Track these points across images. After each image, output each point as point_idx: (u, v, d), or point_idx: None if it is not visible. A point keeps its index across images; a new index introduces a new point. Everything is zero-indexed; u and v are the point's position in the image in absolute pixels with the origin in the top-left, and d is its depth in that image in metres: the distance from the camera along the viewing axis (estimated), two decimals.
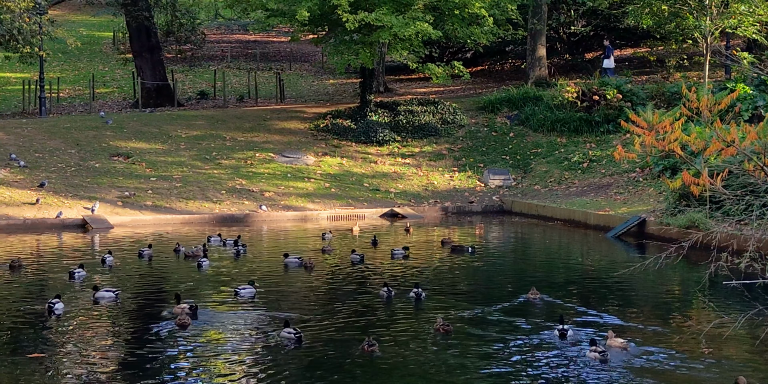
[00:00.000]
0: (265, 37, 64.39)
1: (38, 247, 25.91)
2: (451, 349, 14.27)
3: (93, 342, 14.86)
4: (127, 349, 14.53)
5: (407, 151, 37.21)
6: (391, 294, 18.06)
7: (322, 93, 49.06)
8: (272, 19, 36.79)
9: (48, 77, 43.87)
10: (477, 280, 21.04)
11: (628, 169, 32.38)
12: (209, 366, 13.56)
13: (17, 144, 33.78)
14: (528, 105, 39.63)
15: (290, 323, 14.87)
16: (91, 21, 67.01)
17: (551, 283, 20.05)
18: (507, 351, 14.16)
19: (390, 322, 16.20)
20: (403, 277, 20.45)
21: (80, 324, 16.02)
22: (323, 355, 14.00)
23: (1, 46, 36.19)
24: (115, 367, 13.47)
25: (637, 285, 19.68)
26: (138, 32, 45.57)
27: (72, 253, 24.42)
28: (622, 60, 51.02)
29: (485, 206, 33.24)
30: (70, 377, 12.86)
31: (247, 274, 20.51)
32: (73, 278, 19.85)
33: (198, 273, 21.27)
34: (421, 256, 23.91)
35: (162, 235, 27.23)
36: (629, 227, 26.58)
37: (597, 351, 13.52)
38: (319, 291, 19.49)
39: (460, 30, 37.21)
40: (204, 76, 53.14)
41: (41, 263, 22.59)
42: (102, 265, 21.83)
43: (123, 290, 18.69)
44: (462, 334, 15.30)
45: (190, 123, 38.44)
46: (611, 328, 14.91)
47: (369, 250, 24.38)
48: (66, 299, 17.37)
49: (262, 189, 32.71)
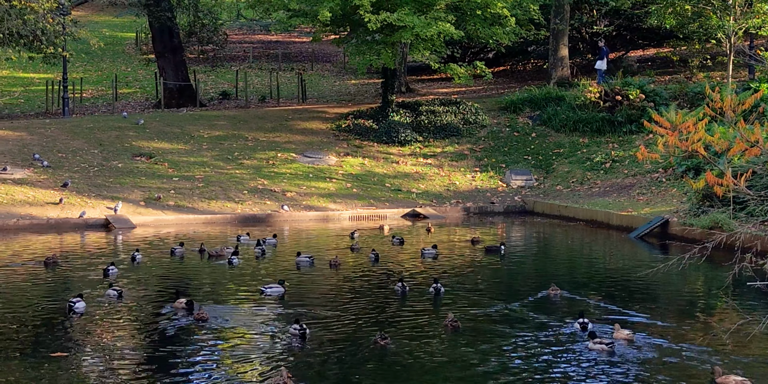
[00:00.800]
0: (287, 37, 64.50)
1: (62, 245, 26.01)
2: (463, 343, 14.51)
3: (115, 340, 14.91)
4: (149, 346, 14.63)
5: (429, 151, 37.19)
6: (405, 289, 18.37)
7: (344, 93, 49.09)
8: (294, 19, 36.83)
9: (71, 78, 44.06)
10: (499, 278, 21.24)
11: (651, 169, 32.25)
12: (229, 362, 13.66)
13: (41, 144, 33.94)
14: (550, 105, 39.53)
15: (300, 320, 15.04)
16: (113, 22, 67.28)
17: (573, 282, 20.08)
18: (520, 346, 14.37)
19: (405, 316, 16.47)
20: (428, 274, 20.51)
21: (102, 322, 16.08)
22: (335, 348, 14.20)
23: (24, 46, 36.35)
24: (137, 364, 13.51)
25: (660, 285, 19.59)
26: (160, 33, 45.72)
27: (98, 252, 24.62)
28: (644, 60, 50.88)
29: (507, 206, 33.17)
30: (94, 376, 12.90)
31: (275, 273, 20.62)
32: (108, 275, 20.17)
33: (227, 271, 21.48)
34: (452, 255, 24.05)
35: (186, 235, 27.29)
36: (652, 228, 26.46)
37: (603, 343, 13.70)
38: (342, 288, 19.60)
39: (482, 30, 37.15)
40: (226, 77, 53.25)
41: (71, 262, 22.71)
42: (132, 262, 22.09)
43: (147, 288, 18.90)
44: (477, 328, 15.53)
45: (212, 123, 38.53)
46: (617, 322, 15.18)
47: (394, 249, 24.70)
48: (93, 296, 17.55)
49: (284, 189, 32.75)
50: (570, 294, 18.28)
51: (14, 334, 15.20)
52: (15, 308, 17.27)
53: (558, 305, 17.48)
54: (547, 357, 13.76)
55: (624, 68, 45.58)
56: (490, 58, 53.01)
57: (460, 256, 24.13)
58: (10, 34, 32.54)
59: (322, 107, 42.93)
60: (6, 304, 17.66)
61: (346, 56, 52.39)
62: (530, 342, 14.57)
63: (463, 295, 18.44)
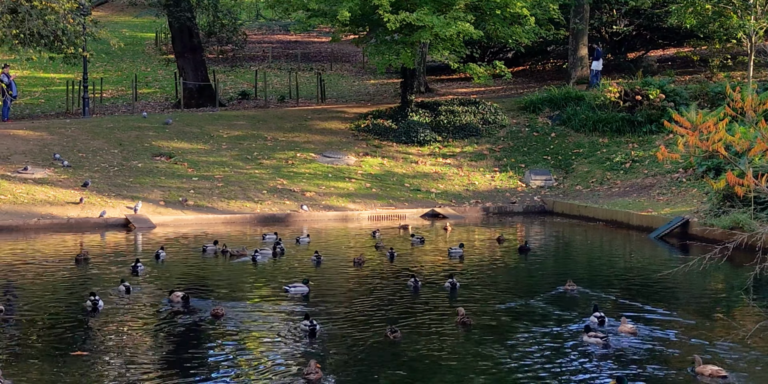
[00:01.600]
0: (306, 37, 64.55)
1: (87, 244, 26.14)
2: (474, 338, 14.92)
3: (134, 338, 15.00)
4: (167, 344, 14.76)
5: (448, 151, 37.16)
6: (418, 285, 18.89)
7: (363, 93, 49.11)
8: (313, 19, 36.85)
9: (91, 78, 44.21)
10: (518, 275, 21.58)
11: (671, 169, 32.13)
12: (246, 358, 13.83)
13: (61, 144, 34.08)
14: (570, 105, 39.44)
15: (310, 316, 15.32)
16: (133, 22, 67.51)
17: (593, 281, 20.20)
18: (533, 340, 14.70)
19: (418, 311, 16.94)
20: (454, 271, 20.67)
21: (122, 320, 16.18)
22: (344, 343, 14.64)
23: (45, 46, 36.46)
24: (156, 363, 13.56)
25: (680, 285, 19.54)
26: (180, 33, 45.83)
27: (121, 251, 24.89)
28: (665, 60, 50.73)
29: (526, 206, 33.11)
30: (114, 375, 12.94)
31: (299, 272, 20.81)
32: (136, 272, 20.57)
33: (251, 268, 21.78)
34: (475, 253, 24.33)
35: (207, 234, 27.38)
36: (672, 228, 26.37)
37: (598, 336, 14.19)
38: (363, 284, 19.94)
39: (502, 30, 37.08)
40: (245, 77, 53.35)
41: (99, 259, 22.91)
42: (156, 260, 22.31)
43: (169, 284, 19.15)
44: (490, 322, 15.96)
45: (231, 123, 38.60)
46: (634, 318, 15.56)
47: (417, 248, 25.06)
48: (106, 294, 17.65)
49: (303, 189, 32.79)
50: (586, 289, 18.65)
51: (39, 331, 15.38)
52: (41, 304, 17.40)
53: (574, 301, 17.74)
54: (555, 352, 14.03)
55: (644, 68, 45.47)
56: (509, 57, 52.95)
57: (480, 254, 24.45)
58: (31, 34, 32.64)
59: (341, 107, 42.95)
60: (33, 300, 17.85)
61: (365, 56, 52.39)
62: (542, 336, 14.87)
63: (479, 290, 18.92)
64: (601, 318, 15.40)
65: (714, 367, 12.63)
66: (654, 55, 51.88)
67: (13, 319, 16.24)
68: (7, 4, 30.28)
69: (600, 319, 15.38)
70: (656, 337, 14.85)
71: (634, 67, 46.27)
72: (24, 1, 30.23)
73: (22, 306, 17.43)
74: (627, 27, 47.41)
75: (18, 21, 31.30)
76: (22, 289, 19.23)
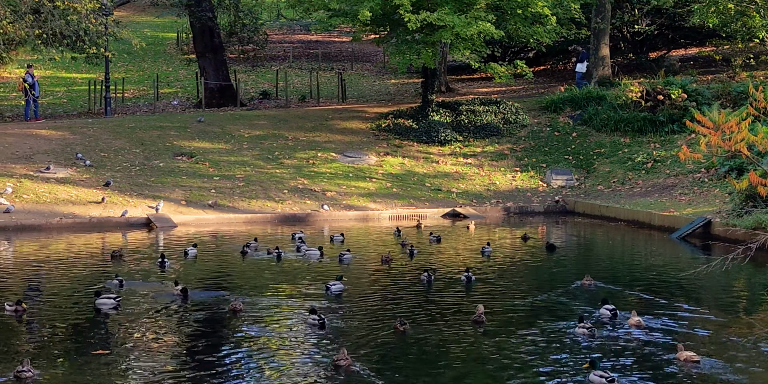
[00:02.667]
0: (327, 37, 64.57)
1: (103, 244, 26.28)
2: (490, 329, 15.46)
3: (155, 337, 15.06)
4: (188, 342, 14.83)
5: (469, 151, 37.11)
6: (431, 279, 19.57)
7: (384, 93, 49.10)
8: (334, 19, 36.87)
9: (113, 78, 44.37)
10: (538, 272, 21.96)
11: (693, 169, 32.00)
12: (267, 356, 14.00)
13: (83, 143, 34.23)
14: (591, 105, 39.31)
15: (316, 311, 15.80)
16: (155, 22, 67.70)
17: (615, 279, 20.31)
18: (546, 332, 15.22)
19: (429, 303, 17.77)
20: (470, 266, 20.91)
21: (142, 319, 16.28)
22: (357, 335, 15.21)
23: (68, 46, 36.68)
24: (178, 361, 13.62)
25: (701, 284, 19.48)
26: (201, 33, 45.93)
27: (146, 249, 25.24)
28: (686, 59, 50.51)
29: (547, 206, 33.05)
30: (135, 374, 12.99)
31: (336, 270, 21.06)
32: (164, 268, 21.07)
33: (280, 266, 22.12)
34: (505, 251, 24.95)
35: (224, 234, 27.47)
36: (694, 228, 26.27)
37: (585, 327, 14.82)
38: (389, 281, 20.39)
39: (523, 29, 37.01)
40: (266, 76, 53.43)
41: (129, 257, 23.21)
42: (184, 257, 22.67)
43: (195, 284, 19.40)
44: (504, 316, 16.70)
45: (252, 123, 38.67)
46: (635, 309, 16.01)
47: (444, 246, 25.47)
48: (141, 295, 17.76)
49: (324, 188, 32.81)
50: (607, 285, 19.11)
51: (62, 330, 15.50)
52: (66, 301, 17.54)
53: (592, 295, 18.02)
54: (565, 344, 14.51)
55: (666, 67, 45.28)
56: (530, 57, 52.82)
57: (505, 251, 24.89)
58: (53, 34, 32.83)
59: (362, 107, 42.97)
60: (61, 296, 18.05)
61: (386, 56, 52.38)
62: (555, 330, 15.33)
63: (498, 285, 19.69)
64: (613, 311, 15.82)
65: (690, 353, 13.26)
66: (676, 54, 51.67)
67: (41, 314, 16.41)
68: (30, 5, 30.45)
69: (612, 311, 15.82)
70: (664, 330, 15.23)
71: (656, 66, 46.08)
72: (47, 2, 30.40)
73: (58, 301, 17.56)
74: (649, 26, 47.22)
75: (41, 21, 31.50)
76: (56, 283, 19.44)
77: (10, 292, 18.58)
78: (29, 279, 20.36)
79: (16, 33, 30.05)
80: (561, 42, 45.85)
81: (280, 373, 13.04)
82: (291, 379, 12.75)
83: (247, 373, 12.99)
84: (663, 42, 50.17)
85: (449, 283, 19.66)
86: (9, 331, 15.55)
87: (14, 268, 21.91)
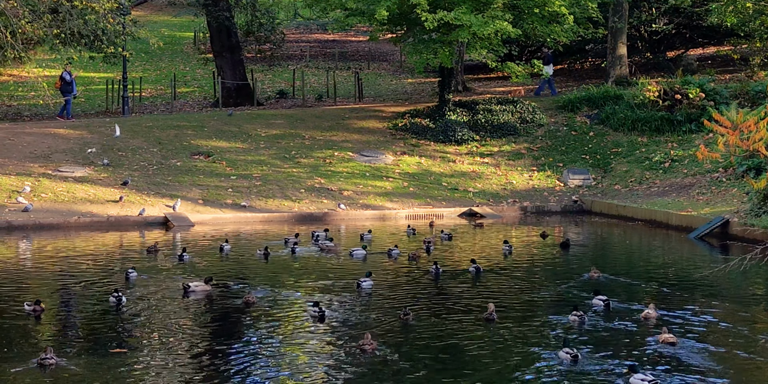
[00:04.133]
0: (344, 36, 64.60)
1: (122, 242, 26.40)
2: (501, 324, 15.92)
3: (172, 335, 15.13)
4: (204, 338, 14.96)
5: (486, 150, 37.07)
6: (438, 271, 20.43)
7: (401, 92, 49.09)
8: (351, 18, 36.89)
9: (131, 77, 44.49)
10: (552, 267, 22.32)
11: (711, 169, 31.88)
12: (285, 350, 14.31)
13: (101, 142, 34.34)
14: (608, 104, 39.22)
15: (319, 303, 16.50)
16: (172, 21, 67.87)
17: (631, 277, 20.19)
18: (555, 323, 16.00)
19: (438, 294, 18.81)
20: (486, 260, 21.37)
21: (157, 316, 16.38)
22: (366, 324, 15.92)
23: (85, 46, 36.79)
24: (195, 359, 13.66)
25: (719, 284, 19.42)
26: (218, 32, 46.00)
27: (185, 244, 25.51)
28: (704, 58, 50.36)
29: (564, 206, 33.00)
30: (153, 372, 13.04)
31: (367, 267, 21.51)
32: (182, 260, 22.01)
33: (296, 263, 22.57)
34: (521, 248, 25.37)
35: (239, 233, 27.53)
36: (712, 228, 26.18)
37: (576, 314, 15.70)
38: (397, 274, 20.87)
39: (540, 28, 36.96)
40: (283, 76, 53.50)
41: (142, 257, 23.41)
42: (219, 252, 23.48)
43: (203, 276, 19.66)
44: (512, 305, 17.53)
45: (269, 122, 38.73)
46: (653, 301, 16.73)
47: (444, 243, 25.69)
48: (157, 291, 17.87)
49: (341, 188, 32.84)
50: (611, 276, 19.81)
51: (83, 327, 15.64)
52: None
53: (599, 287, 18.42)
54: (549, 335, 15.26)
55: (684, 67, 45.13)
56: None
57: (521, 248, 25.30)
58: (71, 34, 32.92)
59: (378, 106, 42.97)
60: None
61: (403, 55, 52.37)
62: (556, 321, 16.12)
63: (508, 276, 20.63)
64: (606, 301, 16.61)
65: (666, 335, 14.21)
66: (694, 53, 51.50)
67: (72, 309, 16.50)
68: (48, 4, 30.55)
69: (605, 301, 16.62)
70: (666, 321, 15.69)
71: (674, 65, 45.94)
72: (65, 1, 30.48)
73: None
74: (666, 25, 47.06)
75: (59, 21, 31.59)
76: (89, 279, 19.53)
77: (49, 287, 18.74)
78: (75, 275, 20.53)
79: (34, 32, 30.14)
80: (578, 41, 45.76)
81: (308, 357, 13.97)
82: (319, 363, 13.65)
83: (273, 359, 13.38)
84: (681, 41, 50.01)
85: (454, 275, 20.68)
86: (35, 327, 15.73)
87: (50, 264, 22.28)
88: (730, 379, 12.72)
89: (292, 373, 13.08)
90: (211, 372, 13.08)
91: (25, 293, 18.37)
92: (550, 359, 13.58)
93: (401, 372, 13.16)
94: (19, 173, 30.84)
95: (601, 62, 50.11)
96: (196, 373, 13.02)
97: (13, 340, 14.75)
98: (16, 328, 15.54)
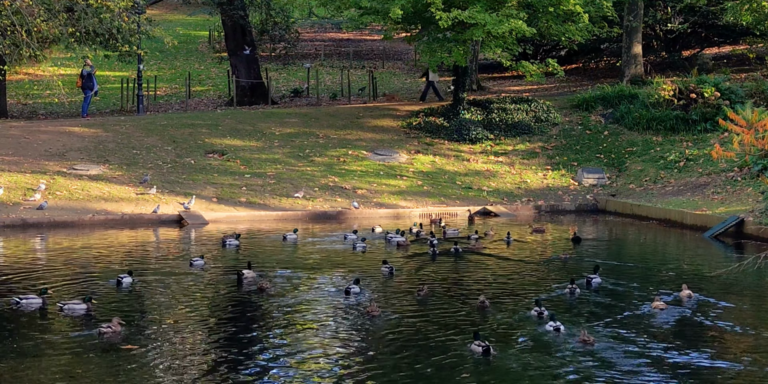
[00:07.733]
0: (358, 35, 64.68)
1: (137, 240, 26.45)
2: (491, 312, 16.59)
3: (184, 331, 15.15)
4: (217, 334, 14.97)
5: (500, 149, 37.05)
6: (435, 252, 22.72)
7: (415, 91, 49.09)
8: (365, 17, 36.91)
9: (145, 76, 44.61)
10: (562, 266, 22.04)
11: (726, 168, 31.78)
12: (304, 345, 14.31)
13: (115, 141, 34.44)
14: (623, 103, 39.14)
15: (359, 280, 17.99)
16: (187, 20, 68.04)
17: (645, 277, 20.22)
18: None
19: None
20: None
21: (169, 312, 16.41)
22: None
23: (101, 45, 36.92)
24: (207, 355, 13.68)
25: (732, 282, 19.34)
26: (233, 31, 46.09)
27: (179, 245, 25.81)
28: (720, 57, 50.23)
29: (579, 205, 32.95)
30: (165, 369, 13.05)
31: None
32: (225, 246, 23.61)
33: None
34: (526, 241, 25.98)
35: (252, 231, 27.55)
36: (727, 227, 26.10)
37: (569, 287, 17.44)
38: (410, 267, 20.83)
39: (555, 27, 36.90)
40: (297, 75, 53.57)
41: (161, 255, 23.48)
42: (283, 240, 24.79)
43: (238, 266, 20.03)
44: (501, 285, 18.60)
45: (283, 121, 38.77)
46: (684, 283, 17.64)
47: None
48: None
49: (355, 186, 32.85)
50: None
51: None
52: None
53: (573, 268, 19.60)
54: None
55: (699, 66, 45.02)
56: (562, 55, 52.67)
57: (527, 242, 25.79)
58: (86, 32, 33.00)
59: (393, 105, 42.98)
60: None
61: (417, 54, 52.38)
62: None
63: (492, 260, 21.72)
64: (572, 289, 17.68)
65: (658, 303, 15.76)
66: (709, 52, 51.36)
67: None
68: (64, 3, 30.62)
69: (571, 290, 17.68)
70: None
71: (689, 64, 45.84)
72: (80, 0, 30.56)
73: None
74: (682, 24, 46.96)
75: (74, 19, 31.65)
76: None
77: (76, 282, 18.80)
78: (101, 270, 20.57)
79: (49, 31, 30.18)
80: (593, 40, 45.70)
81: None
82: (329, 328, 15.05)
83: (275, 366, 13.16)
84: (696, 40, 49.92)
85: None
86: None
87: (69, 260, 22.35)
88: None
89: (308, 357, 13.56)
90: (221, 368, 13.10)
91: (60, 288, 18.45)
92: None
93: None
94: (35, 171, 30.94)
95: (616, 61, 50.05)
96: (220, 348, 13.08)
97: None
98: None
